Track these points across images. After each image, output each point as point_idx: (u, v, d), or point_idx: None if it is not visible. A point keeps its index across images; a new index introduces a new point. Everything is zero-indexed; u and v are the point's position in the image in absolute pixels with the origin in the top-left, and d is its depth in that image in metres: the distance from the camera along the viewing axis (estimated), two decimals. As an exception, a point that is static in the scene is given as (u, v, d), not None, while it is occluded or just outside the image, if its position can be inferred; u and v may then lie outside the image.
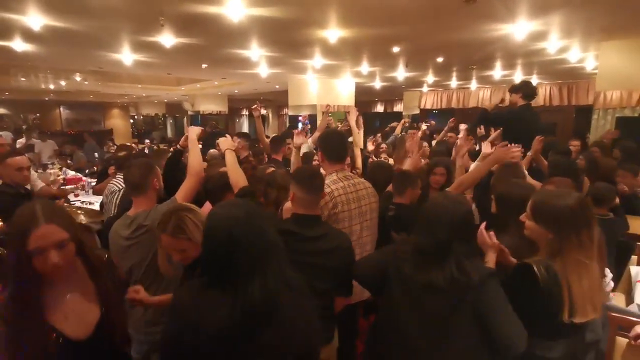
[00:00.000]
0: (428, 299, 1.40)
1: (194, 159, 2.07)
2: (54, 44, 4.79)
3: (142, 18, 3.61)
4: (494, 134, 4.17)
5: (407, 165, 2.90)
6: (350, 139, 3.37)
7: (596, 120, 4.57)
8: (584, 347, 1.57)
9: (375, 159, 4.32)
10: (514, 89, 3.71)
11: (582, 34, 4.13)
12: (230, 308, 1.10)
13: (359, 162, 3.32)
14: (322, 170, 2.14)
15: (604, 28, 3.88)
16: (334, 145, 2.17)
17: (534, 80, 8.01)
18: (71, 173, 7.19)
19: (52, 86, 9.12)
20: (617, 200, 2.96)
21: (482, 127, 5.34)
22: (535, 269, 1.41)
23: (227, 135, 2.41)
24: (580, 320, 1.39)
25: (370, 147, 4.58)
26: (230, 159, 2.12)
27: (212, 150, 5.29)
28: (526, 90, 3.64)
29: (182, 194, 1.94)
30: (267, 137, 4.51)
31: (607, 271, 1.91)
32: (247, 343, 1.13)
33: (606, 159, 3.93)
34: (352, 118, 4.16)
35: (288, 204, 1.97)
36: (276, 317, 1.14)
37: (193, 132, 2.23)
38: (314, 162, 3.55)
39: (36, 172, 4.15)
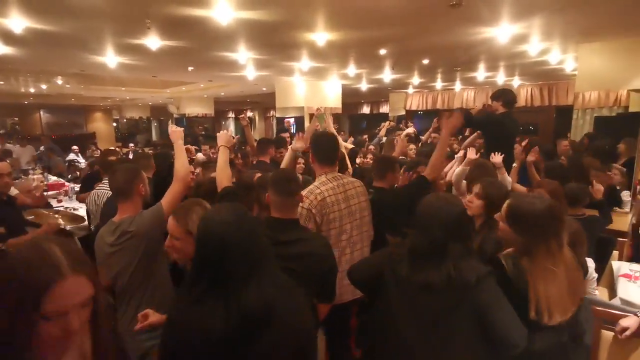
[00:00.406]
0: (425, 300, 1.40)
1: (181, 164, 2.02)
2: (36, 47, 4.67)
3: (127, 20, 3.56)
4: (471, 136, 4.30)
5: None
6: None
7: (576, 120, 4.72)
8: (564, 344, 1.59)
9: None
10: (495, 96, 3.85)
11: (561, 36, 4.26)
12: (226, 314, 1.09)
13: (348, 162, 3.38)
14: (299, 176, 2.17)
15: (582, 31, 4.01)
16: (326, 147, 2.19)
17: (516, 81, 8.21)
18: (53, 178, 7.03)
19: (32, 89, 8.89)
20: (601, 196, 3.04)
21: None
22: (502, 260, 1.49)
23: (227, 131, 2.37)
24: (548, 322, 1.42)
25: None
26: (223, 156, 2.10)
27: (199, 154, 5.25)
28: (506, 97, 3.79)
29: (167, 199, 1.89)
30: (255, 140, 4.52)
31: (590, 261, 1.96)
32: (246, 347, 1.13)
33: (587, 159, 4.09)
34: (330, 123, 4.26)
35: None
36: (274, 320, 1.15)
37: (177, 135, 2.17)
38: (298, 165, 3.55)
39: (16, 179, 4.02)
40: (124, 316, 1.85)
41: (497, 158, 3.08)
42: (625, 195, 3.93)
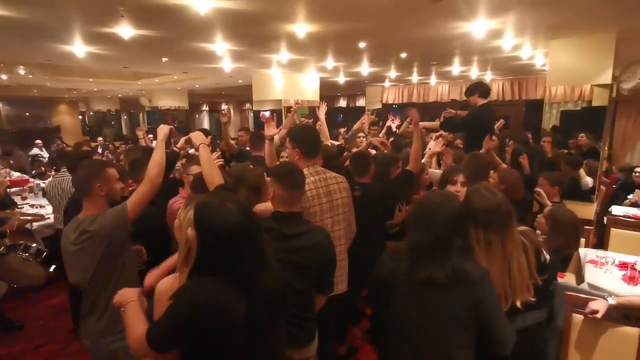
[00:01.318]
0: (428, 295, 1.41)
1: (155, 164, 1.89)
2: (-4, 34, 4.39)
3: (99, 8, 3.39)
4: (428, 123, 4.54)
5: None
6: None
7: (545, 113, 4.92)
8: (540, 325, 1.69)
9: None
10: (470, 90, 4.01)
11: (533, 32, 4.40)
12: (249, 300, 1.17)
13: None
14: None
15: (553, 27, 4.16)
16: (311, 140, 2.19)
17: (488, 76, 8.45)
18: (15, 174, 6.67)
19: (-10, 80, 8.36)
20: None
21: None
22: None
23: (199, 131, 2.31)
24: None
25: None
26: (205, 154, 2.00)
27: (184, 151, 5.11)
28: (481, 89, 3.96)
29: (134, 199, 1.78)
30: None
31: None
32: (271, 326, 1.26)
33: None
34: (322, 113, 4.26)
35: (261, 206, 1.96)
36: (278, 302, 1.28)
37: (162, 132, 2.07)
38: (282, 158, 3.54)
39: None
40: (89, 318, 1.77)
41: (436, 145, 3.36)
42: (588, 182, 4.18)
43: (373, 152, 3.75)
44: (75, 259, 1.72)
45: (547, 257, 1.66)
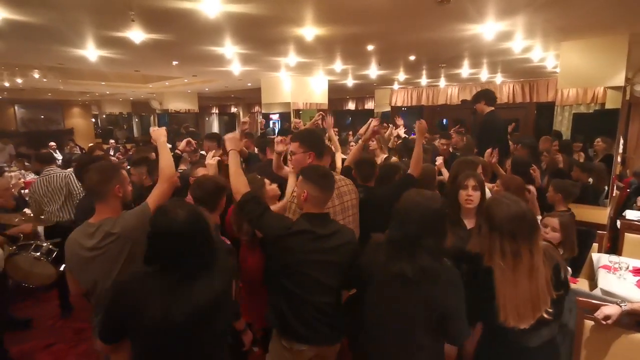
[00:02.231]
0: (399, 289, 1.50)
1: (166, 163, 1.92)
2: (11, 39, 4.49)
3: (110, 12, 3.45)
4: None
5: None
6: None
7: (557, 116, 4.85)
8: (554, 339, 1.65)
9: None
10: (476, 98, 4.01)
11: (543, 34, 4.35)
12: (177, 304, 1.28)
13: (338, 163, 3.42)
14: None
15: (562, 28, 4.11)
16: (322, 143, 2.25)
17: (499, 78, 8.38)
18: (30, 176, 6.80)
19: (6, 83, 8.55)
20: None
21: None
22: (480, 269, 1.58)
23: (235, 133, 2.28)
24: (503, 324, 1.49)
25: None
26: (233, 161, 1.98)
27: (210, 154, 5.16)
28: (487, 96, 3.98)
29: (154, 200, 1.80)
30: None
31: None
32: (197, 332, 1.32)
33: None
34: (330, 128, 4.30)
35: (276, 206, 1.96)
36: (212, 311, 1.36)
37: (159, 134, 2.07)
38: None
39: None
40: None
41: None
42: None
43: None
44: (93, 264, 1.67)
45: (567, 274, 1.61)
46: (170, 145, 2.37)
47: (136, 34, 4.13)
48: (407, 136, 5.57)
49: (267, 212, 1.82)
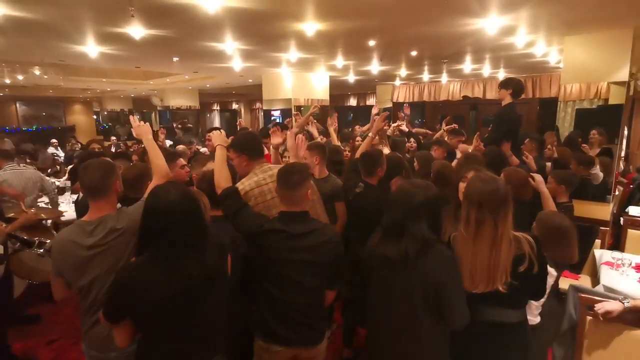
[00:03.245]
0: (391, 273, 1.59)
1: (158, 160, 1.92)
2: (12, 36, 4.47)
3: (110, 8, 3.43)
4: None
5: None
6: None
7: (560, 112, 4.81)
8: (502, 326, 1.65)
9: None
10: (504, 84, 3.92)
11: (547, 28, 4.31)
12: (170, 279, 1.34)
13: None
14: (312, 169, 2.17)
15: (566, 23, 4.06)
16: (254, 145, 2.23)
17: (501, 74, 8.32)
18: (32, 173, 6.79)
19: (7, 80, 8.54)
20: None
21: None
22: (450, 241, 1.72)
23: (220, 130, 2.31)
24: (468, 289, 1.59)
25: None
26: (220, 155, 2.01)
27: (179, 146, 5.17)
28: (515, 87, 3.89)
29: None
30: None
31: (552, 271, 1.92)
32: (191, 306, 1.39)
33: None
34: (332, 130, 4.32)
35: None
36: (211, 284, 1.43)
37: (144, 131, 2.06)
38: (285, 159, 3.54)
39: None
40: (99, 325, 1.69)
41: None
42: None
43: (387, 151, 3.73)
44: (93, 263, 1.64)
45: (536, 269, 1.58)
46: (171, 142, 2.39)
47: (136, 30, 4.11)
48: (409, 130, 5.56)
49: (244, 208, 1.82)
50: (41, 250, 2.80)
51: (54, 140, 10.38)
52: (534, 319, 1.92)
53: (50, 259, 2.75)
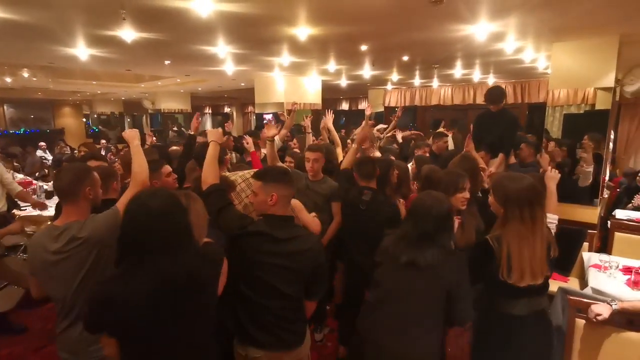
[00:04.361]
0: (408, 275, 1.71)
1: (139, 166, 1.89)
2: (0, 38, 4.41)
3: (101, 11, 3.41)
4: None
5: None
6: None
7: (548, 117, 4.89)
8: (542, 312, 1.87)
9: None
10: (501, 99, 4.23)
11: (535, 35, 4.39)
12: (148, 283, 1.26)
13: (340, 157, 3.45)
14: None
15: (554, 30, 4.15)
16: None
17: (491, 79, 8.44)
18: (19, 176, 6.70)
19: (-5, 83, 8.43)
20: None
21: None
22: (490, 242, 1.79)
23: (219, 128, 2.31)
24: (518, 282, 1.74)
25: None
26: (211, 152, 1.98)
27: (172, 147, 5.14)
28: (487, 97, 4.12)
29: (124, 203, 1.72)
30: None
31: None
32: (172, 311, 1.30)
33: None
34: (330, 122, 4.36)
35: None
36: (194, 287, 1.35)
37: (132, 136, 2.03)
38: (285, 163, 3.56)
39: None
40: (73, 329, 1.68)
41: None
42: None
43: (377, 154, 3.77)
44: (57, 269, 1.61)
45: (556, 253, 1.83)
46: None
47: (127, 33, 4.08)
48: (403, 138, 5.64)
49: (228, 207, 1.77)
50: (26, 255, 2.75)
51: (42, 144, 10.24)
52: None
53: None
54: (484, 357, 1.94)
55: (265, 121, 8.38)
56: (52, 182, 5.91)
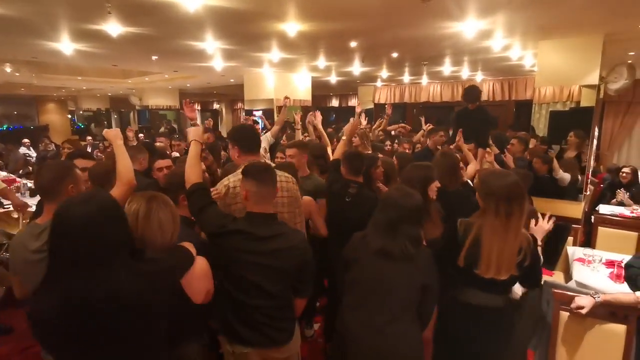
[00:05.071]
0: (381, 264, 1.73)
1: (123, 166, 1.86)
2: (-20, 31, 4.30)
3: (85, 4, 3.34)
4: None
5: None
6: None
7: (534, 114, 4.97)
8: (501, 310, 1.87)
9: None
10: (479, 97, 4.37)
11: (522, 33, 4.44)
12: (55, 299, 1.15)
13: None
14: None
15: (541, 28, 4.20)
16: (248, 138, 2.17)
17: (479, 76, 8.52)
18: (2, 174, 6.55)
19: (-24, 78, 8.20)
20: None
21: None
22: (457, 224, 1.86)
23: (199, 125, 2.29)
24: (484, 273, 1.76)
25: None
26: (193, 151, 1.94)
27: (158, 143, 5.07)
28: (464, 96, 4.37)
29: None
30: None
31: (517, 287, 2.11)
32: (83, 332, 1.16)
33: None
34: (319, 122, 4.35)
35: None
36: (118, 308, 1.18)
37: (115, 136, 1.97)
38: (277, 159, 3.55)
39: None
40: None
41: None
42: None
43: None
44: (38, 268, 1.52)
45: (528, 262, 1.80)
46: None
47: (113, 27, 4.01)
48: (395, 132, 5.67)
49: (209, 206, 1.74)
50: (8, 254, 2.69)
51: (26, 140, 9.99)
52: (518, 292, 2.19)
53: None
54: (445, 342, 2.00)
55: (255, 118, 8.33)
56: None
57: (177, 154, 4.28)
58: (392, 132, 5.78)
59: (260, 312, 1.67)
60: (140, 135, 9.35)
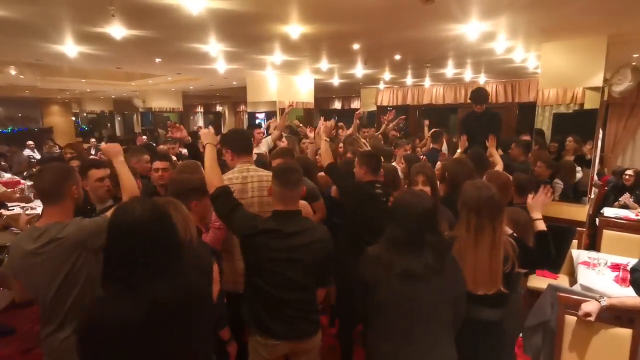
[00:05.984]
0: (410, 285, 1.52)
1: (128, 180, 1.88)
2: (-15, 33, 4.33)
3: (89, 7, 3.36)
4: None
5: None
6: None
7: (538, 116, 4.95)
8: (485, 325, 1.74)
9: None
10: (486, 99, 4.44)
11: (525, 35, 4.42)
12: (138, 307, 1.14)
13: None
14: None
15: (544, 30, 4.19)
16: (239, 141, 2.30)
17: (482, 78, 8.50)
18: (7, 176, 6.58)
19: (-19, 80, 8.26)
20: None
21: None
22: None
23: (210, 128, 2.29)
24: (470, 290, 1.66)
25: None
26: (210, 154, 1.98)
27: (161, 147, 5.09)
28: (471, 97, 4.20)
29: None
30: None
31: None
32: (155, 336, 1.17)
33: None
34: (324, 135, 4.27)
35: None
36: (182, 311, 1.22)
37: (114, 152, 1.93)
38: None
39: None
40: (59, 334, 1.62)
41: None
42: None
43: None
44: (35, 270, 1.56)
45: (515, 269, 1.72)
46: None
47: (117, 30, 4.03)
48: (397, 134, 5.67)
49: (237, 208, 1.83)
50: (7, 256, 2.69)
51: (30, 142, 10.06)
52: None
53: None
54: None
55: (258, 121, 8.35)
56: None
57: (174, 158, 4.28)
58: (389, 135, 5.76)
59: (291, 306, 1.76)
60: (144, 137, 9.39)
